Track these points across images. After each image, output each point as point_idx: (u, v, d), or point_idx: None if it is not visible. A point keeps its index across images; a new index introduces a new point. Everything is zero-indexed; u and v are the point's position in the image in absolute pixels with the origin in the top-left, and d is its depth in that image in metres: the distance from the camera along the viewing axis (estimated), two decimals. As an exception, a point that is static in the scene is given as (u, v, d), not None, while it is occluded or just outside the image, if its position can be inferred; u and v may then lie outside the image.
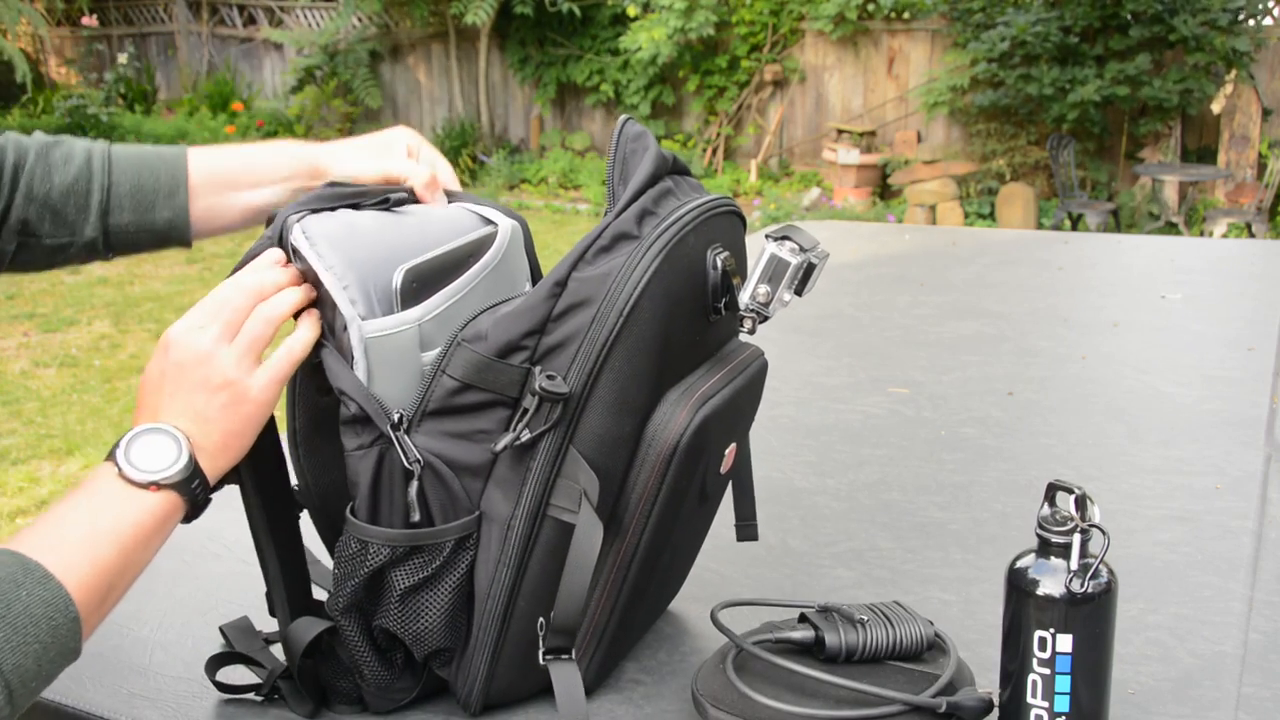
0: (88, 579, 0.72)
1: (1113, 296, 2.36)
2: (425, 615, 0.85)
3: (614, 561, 0.88)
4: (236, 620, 0.98)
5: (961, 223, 8.18)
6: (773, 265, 0.88)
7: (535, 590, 0.86)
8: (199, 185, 1.06)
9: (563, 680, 0.84)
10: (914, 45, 8.87)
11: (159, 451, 0.78)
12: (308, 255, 0.83)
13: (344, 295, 0.82)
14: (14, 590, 0.68)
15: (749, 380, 0.95)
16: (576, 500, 0.83)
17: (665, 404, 0.86)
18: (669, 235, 0.84)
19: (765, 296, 0.88)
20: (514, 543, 0.85)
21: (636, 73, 9.53)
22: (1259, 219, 7.19)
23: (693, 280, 0.87)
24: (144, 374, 0.83)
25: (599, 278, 0.82)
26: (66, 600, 0.70)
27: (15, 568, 0.69)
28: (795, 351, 1.95)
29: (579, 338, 0.82)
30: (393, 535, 0.83)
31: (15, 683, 0.66)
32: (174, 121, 11.16)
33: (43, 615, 0.68)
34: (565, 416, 0.83)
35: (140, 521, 0.76)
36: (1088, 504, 0.81)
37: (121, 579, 0.75)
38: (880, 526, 1.26)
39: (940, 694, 0.84)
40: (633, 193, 0.86)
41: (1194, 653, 1.00)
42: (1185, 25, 7.45)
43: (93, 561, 0.73)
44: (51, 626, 0.69)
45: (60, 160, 1.04)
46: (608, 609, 0.89)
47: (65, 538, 0.73)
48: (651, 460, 0.85)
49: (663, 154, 0.90)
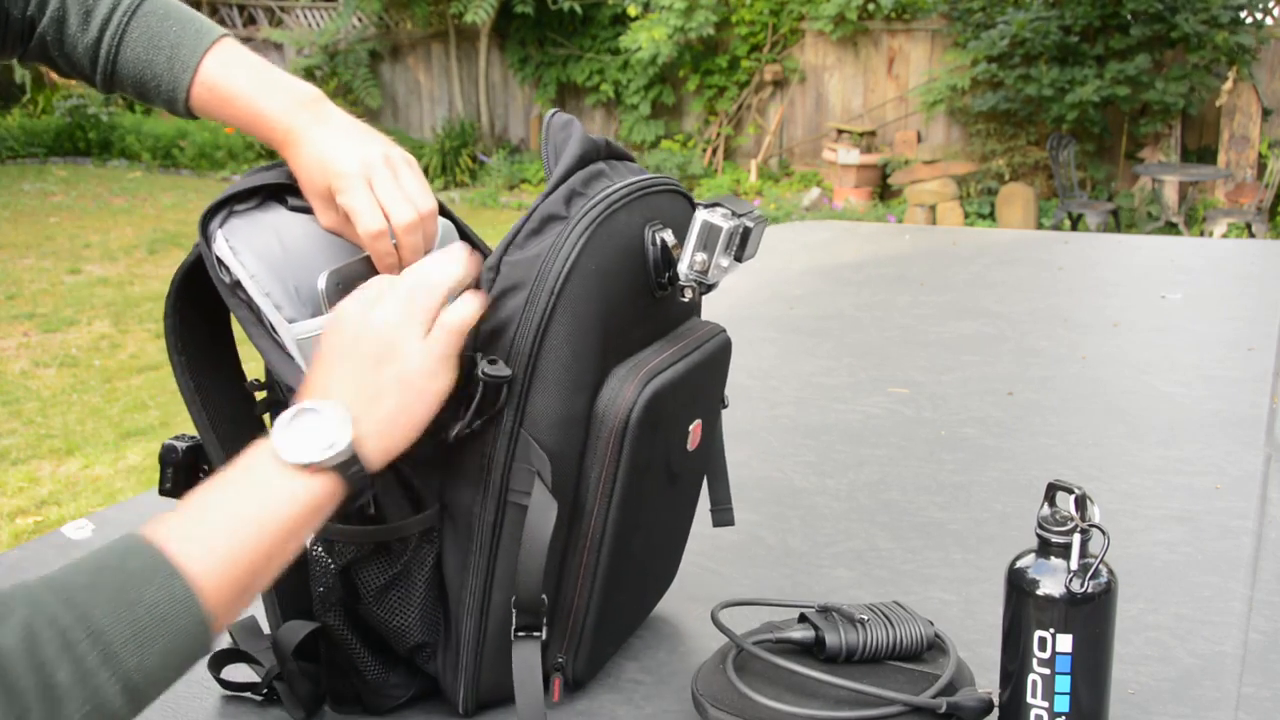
0: (226, 572, 0.68)
1: (1113, 296, 2.36)
2: (401, 612, 0.86)
3: (583, 545, 0.88)
4: (243, 620, 0.98)
5: (961, 223, 8.18)
6: (705, 231, 0.88)
7: (509, 581, 0.86)
8: (199, 102, 0.96)
9: (522, 660, 0.84)
10: (914, 45, 8.87)
11: (320, 431, 0.73)
12: (232, 266, 0.83)
13: (267, 301, 0.83)
14: (143, 586, 0.65)
15: (706, 356, 0.95)
16: (532, 483, 0.83)
17: (613, 379, 0.86)
18: (595, 213, 0.85)
19: (702, 264, 0.88)
20: (481, 533, 0.85)
21: (636, 72, 9.53)
22: (1259, 219, 7.19)
23: (628, 257, 0.87)
24: (328, 328, 0.80)
25: (529, 260, 0.83)
26: (193, 600, 0.66)
27: (147, 560, 0.66)
28: (795, 351, 1.95)
29: (515, 321, 0.83)
30: (354, 533, 0.84)
31: (139, 682, 0.63)
32: (174, 121, 11.16)
33: (169, 613, 0.65)
34: (512, 400, 0.83)
35: (290, 512, 0.72)
36: (1088, 504, 0.81)
37: (266, 570, 0.71)
38: (880, 526, 1.26)
39: (940, 694, 0.84)
40: (559, 176, 0.87)
41: (1194, 653, 1.00)
42: (1186, 23, 7.45)
43: (233, 555, 0.69)
44: (178, 628, 0.65)
45: (72, 30, 0.95)
46: (585, 596, 0.89)
47: (207, 526, 0.69)
48: (604, 437, 0.85)
49: (592, 138, 0.91)
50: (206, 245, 0.84)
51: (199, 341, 0.90)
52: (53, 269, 7.11)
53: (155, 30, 0.94)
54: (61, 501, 3.85)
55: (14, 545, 2.75)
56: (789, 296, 2.30)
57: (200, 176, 10.53)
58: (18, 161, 10.99)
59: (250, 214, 0.87)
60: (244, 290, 0.83)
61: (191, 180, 10.41)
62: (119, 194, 9.61)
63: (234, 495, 0.72)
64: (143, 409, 4.72)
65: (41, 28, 0.95)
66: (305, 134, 0.89)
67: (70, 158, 11.19)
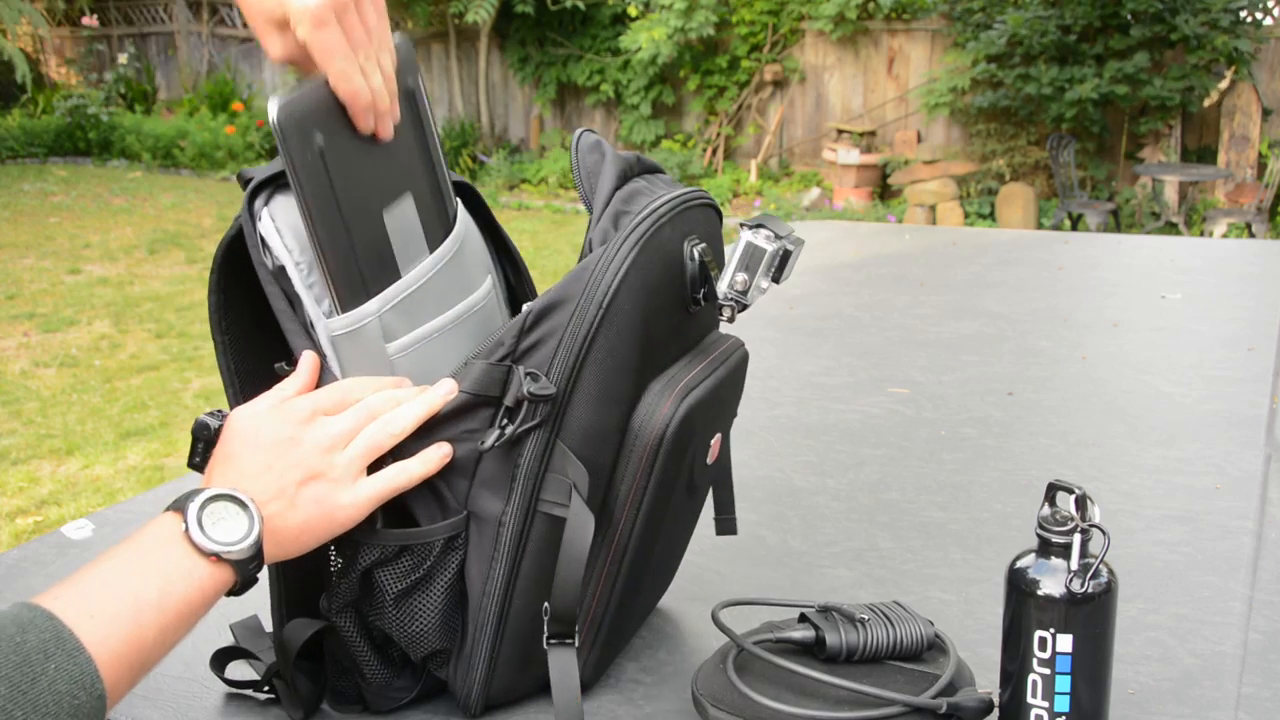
0: (122, 654, 0.68)
1: (1113, 296, 2.36)
2: (420, 617, 0.85)
3: (607, 555, 0.88)
4: (246, 619, 0.98)
5: (961, 223, 8.18)
6: (749, 253, 0.89)
7: (531, 587, 0.86)
8: None
9: (559, 666, 0.84)
10: (914, 45, 8.87)
11: (232, 522, 0.74)
12: (277, 251, 0.82)
13: (309, 294, 0.82)
14: (42, 663, 0.64)
15: (730, 371, 0.96)
16: (567, 494, 0.83)
17: (649, 395, 0.86)
18: (644, 228, 0.85)
19: (743, 284, 0.89)
20: (507, 540, 0.85)
21: (636, 73, 9.53)
22: (1259, 219, 7.20)
23: (670, 271, 0.88)
24: (238, 422, 0.80)
25: (576, 273, 0.84)
26: (95, 677, 0.66)
27: (49, 636, 0.65)
28: (795, 351, 1.95)
29: (559, 333, 0.83)
30: (380, 535, 0.84)
31: None
32: (174, 121, 11.16)
33: (67, 692, 0.64)
34: (551, 411, 0.83)
35: (188, 596, 0.72)
36: (1088, 504, 0.81)
37: (156, 653, 0.71)
38: (880, 526, 1.26)
39: (940, 694, 0.84)
40: (603, 202, 0.88)
41: (1194, 653, 1.00)
42: (1186, 24, 7.45)
43: (129, 637, 0.69)
44: (74, 705, 0.65)
45: None
46: (603, 602, 0.90)
47: (108, 606, 0.69)
48: (639, 452, 0.85)
49: (625, 156, 0.91)
50: (251, 223, 0.83)
51: (243, 322, 0.88)
52: (53, 269, 7.11)
53: None
54: (61, 501, 3.85)
55: (14, 545, 2.75)
56: (789, 296, 2.30)
57: (200, 176, 10.53)
58: (18, 161, 10.99)
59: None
60: (287, 279, 0.82)
61: (191, 180, 10.41)
62: (119, 194, 9.61)
63: (138, 576, 0.71)
64: (143, 409, 4.72)
65: None
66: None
67: (70, 158, 11.20)
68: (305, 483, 0.78)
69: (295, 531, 0.78)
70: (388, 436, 0.81)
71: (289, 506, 0.77)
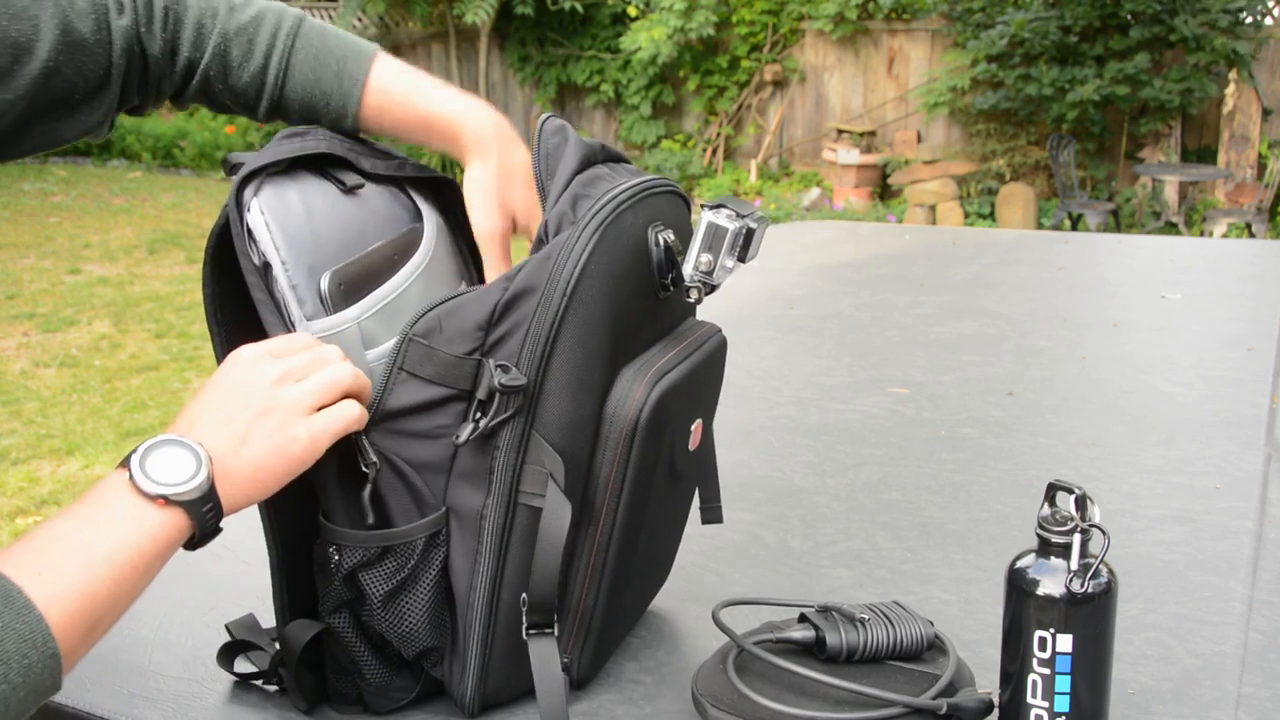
0: (74, 610, 0.67)
1: (1113, 296, 2.36)
2: (408, 617, 0.85)
3: (591, 545, 0.88)
4: (242, 618, 0.98)
5: (961, 223, 8.18)
6: (711, 233, 0.88)
7: (518, 581, 0.86)
8: (370, 111, 0.96)
9: (539, 655, 0.84)
10: (914, 45, 8.87)
11: (177, 464, 0.73)
12: (264, 245, 0.82)
13: (293, 295, 0.83)
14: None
15: (707, 355, 0.95)
16: (545, 485, 0.83)
17: (621, 381, 0.86)
18: (604, 213, 0.85)
19: (708, 265, 0.89)
20: (489, 535, 0.85)
21: (636, 73, 9.53)
22: (1259, 219, 7.19)
23: (635, 257, 0.88)
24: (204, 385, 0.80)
25: (539, 262, 0.83)
26: (46, 635, 0.65)
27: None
28: (795, 351, 1.95)
29: (525, 324, 0.83)
30: (362, 537, 0.84)
31: None
32: (174, 121, 11.16)
33: (16, 651, 0.64)
34: (524, 403, 0.83)
35: (140, 546, 0.71)
36: (1088, 504, 0.81)
37: (113, 609, 0.70)
38: (880, 526, 1.26)
39: (940, 695, 0.84)
40: (563, 183, 0.87)
41: (1194, 653, 1.00)
42: (1186, 26, 7.46)
43: (82, 592, 0.68)
44: (25, 665, 0.64)
45: (236, 62, 0.95)
46: (592, 594, 0.89)
47: (56, 561, 0.68)
48: (615, 438, 0.85)
49: (588, 142, 0.91)
50: (239, 213, 0.83)
51: (238, 312, 0.88)
52: (53, 269, 7.11)
53: (319, 49, 0.95)
54: (61, 501, 3.85)
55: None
56: (789, 296, 2.30)
57: (200, 176, 10.53)
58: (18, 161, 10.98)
59: (284, 182, 0.85)
60: (273, 276, 0.83)
61: (191, 180, 10.41)
62: (119, 194, 9.61)
63: (86, 532, 0.70)
64: (143, 409, 4.72)
65: (204, 65, 0.94)
66: (504, 147, 0.95)
67: (70, 158, 11.19)
68: (255, 419, 0.77)
69: (250, 469, 0.76)
70: (342, 374, 0.80)
71: (240, 444, 0.76)
